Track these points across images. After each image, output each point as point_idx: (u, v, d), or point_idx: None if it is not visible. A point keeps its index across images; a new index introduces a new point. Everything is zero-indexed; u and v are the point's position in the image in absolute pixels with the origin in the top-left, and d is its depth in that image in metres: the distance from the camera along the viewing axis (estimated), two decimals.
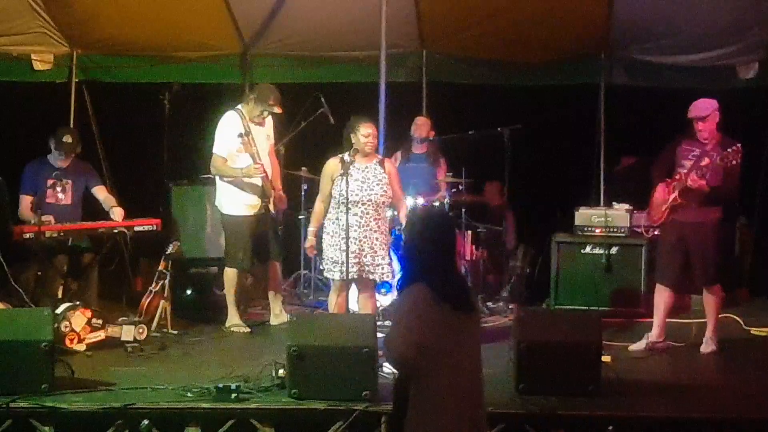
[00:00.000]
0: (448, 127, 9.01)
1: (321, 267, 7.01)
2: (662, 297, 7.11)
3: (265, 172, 7.45)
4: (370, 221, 6.75)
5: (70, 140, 7.73)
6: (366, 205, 6.73)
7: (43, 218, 7.20)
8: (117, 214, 7.68)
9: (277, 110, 7.59)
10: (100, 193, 7.94)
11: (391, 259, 6.93)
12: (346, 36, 9.34)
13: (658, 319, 7.13)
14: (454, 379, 4.12)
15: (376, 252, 6.75)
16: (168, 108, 8.46)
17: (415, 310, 4.09)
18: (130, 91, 9.56)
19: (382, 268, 6.78)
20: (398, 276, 7.91)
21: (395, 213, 7.83)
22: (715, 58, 9.14)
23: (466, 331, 4.21)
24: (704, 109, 6.88)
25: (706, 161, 6.79)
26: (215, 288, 8.15)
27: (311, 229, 7.01)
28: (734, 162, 6.65)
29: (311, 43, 9.58)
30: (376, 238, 6.76)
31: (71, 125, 9.22)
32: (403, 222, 7.10)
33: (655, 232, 7.82)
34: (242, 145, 7.39)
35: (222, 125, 7.52)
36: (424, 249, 4.20)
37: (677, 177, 6.93)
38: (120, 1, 9.03)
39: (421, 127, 8.94)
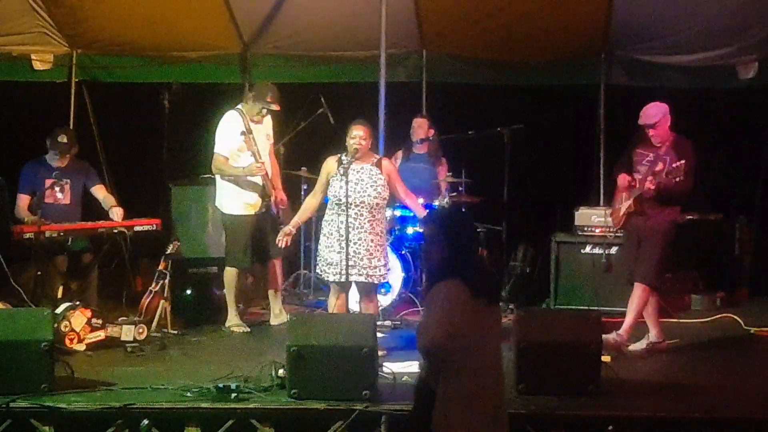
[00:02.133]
0: (448, 127, 9.00)
1: (317, 270, 6.98)
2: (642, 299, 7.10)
3: (266, 170, 7.46)
4: (365, 223, 6.72)
5: (65, 140, 7.72)
6: (360, 207, 6.70)
7: (34, 219, 7.20)
8: (116, 213, 7.68)
9: (275, 107, 7.59)
10: (99, 192, 7.94)
11: (387, 260, 6.91)
12: (346, 36, 9.34)
13: (650, 321, 7.12)
14: (484, 373, 4.18)
15: (371, 254, 6.73)
16: (168, 108, 8.45)
17: (451, 303, 4.15)
18: (130, 91, 9.57)
19: (378, 270, 6.76)
20: (397, 276, 7.93)
21: (394, 213, 7.81)
22: (715, 58, 9.13)
23: (494, 325, 4.27)
24: (653, 116, 6.90)
25: (660, 166, 6.82)
26: (215, 288, 8.14)
27: (295, 220, 6.98)
28: (678, 179, 6.64)
29: (311, 43, 9.58)
30: (371, 240, 6.73)
31: (71, 125, 9.23)
32: (420, 216, 7.07)
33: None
34: (243, 143, 7.40)
35: (223, 124, 7.53)
36: (457, 246, 4.26)
37: (633, 184, 6.97)
38: (120, 1, 9.05)
39: (417, 129, 8.91)
